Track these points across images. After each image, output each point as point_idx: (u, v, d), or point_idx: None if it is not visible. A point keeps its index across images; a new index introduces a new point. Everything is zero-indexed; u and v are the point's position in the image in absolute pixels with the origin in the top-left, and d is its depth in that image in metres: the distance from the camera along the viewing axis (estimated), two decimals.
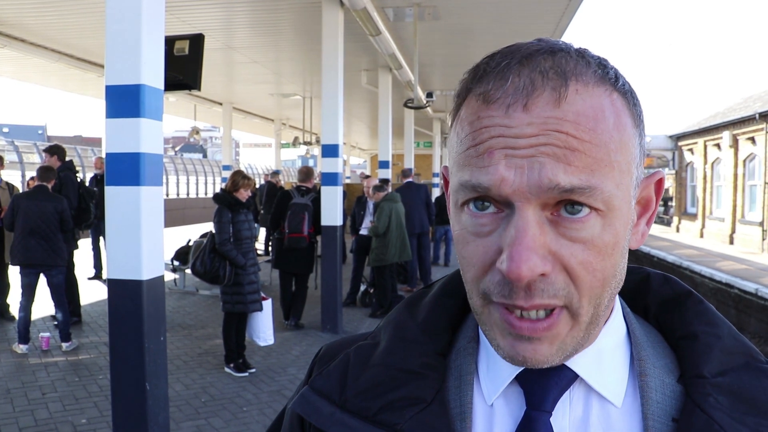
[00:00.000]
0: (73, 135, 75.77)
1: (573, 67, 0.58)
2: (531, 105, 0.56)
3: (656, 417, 0.62)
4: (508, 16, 9.31)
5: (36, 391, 5.54)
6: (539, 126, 0.55)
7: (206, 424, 5.00)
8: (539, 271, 0.55)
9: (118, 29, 3.67)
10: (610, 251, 0.58)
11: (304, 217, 7.72)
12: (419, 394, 0.66)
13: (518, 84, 0.57)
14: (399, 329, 0.73)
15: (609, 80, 0.59)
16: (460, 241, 0.62)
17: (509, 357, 0.60)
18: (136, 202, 3.74)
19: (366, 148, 38.37)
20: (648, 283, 0.74)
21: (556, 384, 0.63)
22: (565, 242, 0.57)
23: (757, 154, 18.17)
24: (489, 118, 0.58)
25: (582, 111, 0.56)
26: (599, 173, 0.56)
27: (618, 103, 0.59)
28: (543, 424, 0.62)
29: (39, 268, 6.51)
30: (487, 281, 0.59)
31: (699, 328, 0.67)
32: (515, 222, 0.56)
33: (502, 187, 0.56)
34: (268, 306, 6.38)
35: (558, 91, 0.56)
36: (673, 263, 16.06)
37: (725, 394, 0.61)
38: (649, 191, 0.67)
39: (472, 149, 0.58)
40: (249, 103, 19.65)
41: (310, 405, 0.70)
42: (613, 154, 0.57)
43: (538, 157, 0.55)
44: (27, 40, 10.67)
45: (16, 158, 17.89)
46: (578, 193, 0.55)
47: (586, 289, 0.57)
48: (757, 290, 12.03)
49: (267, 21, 9.79)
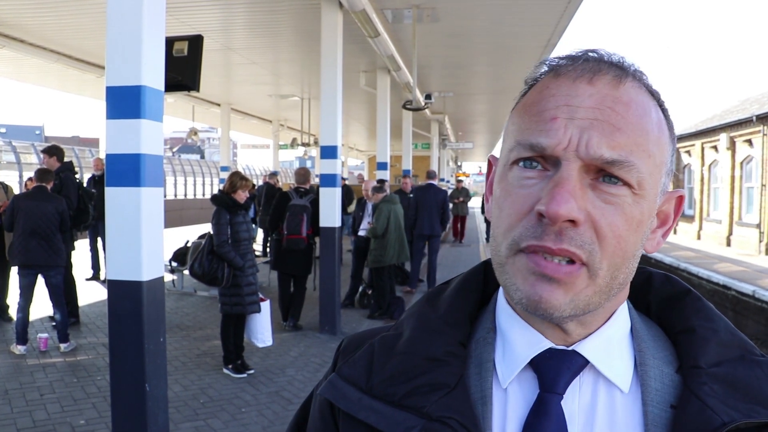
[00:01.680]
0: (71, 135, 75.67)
1: (633, 71, 0.68)
2: (595, 81, 0.65)
3: (655, 403, 0.66)
4: (506, 18, 9.32)
5: (34, 392, 5.53)
6: (598, 100, 0.64)
7: (205, 425, 5.00)
8: (575, 215, 0.61)
9: (119, 30, 3.67)
10: (635, 226, 0.65)
11: (302, 218, 7.72)
12: (443, 380, 0.69)
13: (586, 66, 0.67)
14: (422, 321, 0.76)
15: (657, 98, 0.70)
16: (501, 195, 0.68)
17: (526, 297, 0.64)
18: (137, 203, 3.74)
19: (364, 150, 38.36)
20: (650, 281, 0.79)
21: (568, 368, 0.68)
22: (599, 204, 0.63)
23: (754, 156, 18.21)
24: (557, 88, 0.66)
25: (635, 99, 0.65)
26: (637, 155, 0.64)
27: (660, 114, 0.69)
28: (555, 405, 0.67)
29: (38, 268, 6.50)
30: (521, 227, 0.65)
31: (697, 323, 0.71)
32: (560, 173, 0.63)
33: (557, 148, 0.63)
34: (267, 307, 6.38)
35: (619, 78, 0.66)
36: (671, 265, 16.09)
37: (719, 382, 0.65)
38: (670, 206, 0.73)
39: (536, 115, 0.66)
40: (247, 104, 19.64)
41: (339, 391, 0.73)
42: (651, 145, 0.66)
43: (591, 128, 0.63)
44: (25, 40, 10.66)
45: (14, 159, 17.85)
46: (617, 165, 0.63)
47: (608, 252, 0.63)
48: (754, 292, 12.06)
49: (266, 22, 9.80)
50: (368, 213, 9.62)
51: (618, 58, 0.68)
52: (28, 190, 7.00)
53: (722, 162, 20.39)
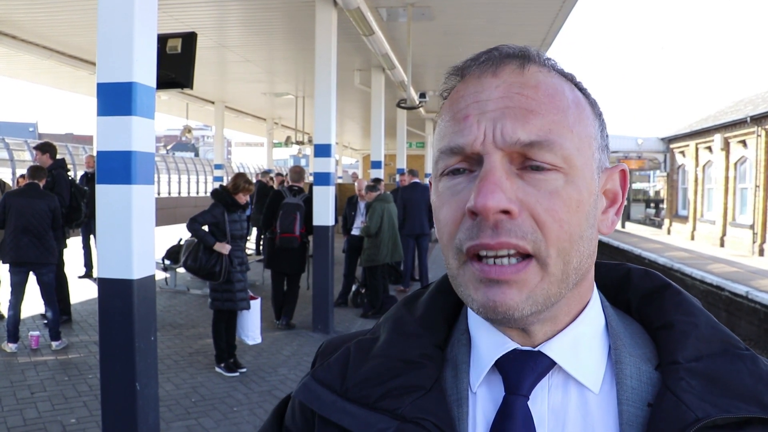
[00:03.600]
0: (65, 133, 75.43)
1: (537, 57, 0.67)
2: (499, 72, 0.65)
3: (631, 402, 0.65)
4: (501, 17, 9.32)
5: (25, 390, 5.49)
6: (505, 88, 0.64)
7: (196, 424, 4.98)
8: (504, 205, 0.60)
9: (110, 26, 3.65)
10: (575, 206, 0.63)
11: (295, 216, 7.71)
12: (418, 382, 0.69)
13: (488, 61, 0.67)
14: (398, 324, 0.76)
15: (570, 79, 0.69)
16: (438, 206, 0.68)
17: (482, 306, 0.63)
18: (127, 200, 3.71)
19: (358, 148, 38.34)
20: (629, 277, 0.77)
21: (531, 369, 0.66)
22: (531, 190, 0.62)
23: (748, 157, 18.27)
24: (464, 89, 0.67)
25: (543, 81, 0.65)
26: (557, 132, 0.63)
27: (577, 92, 0.68)
28: (520, 407, 0.65)
29: (30, 266, 6.47)
30: (460, 232, 0.64)
31: (676, 318, 0.70)
32: (483, 167, 0.62)
33: (475, 144, 0.63)
34: (257, 305, 6.37)
35: (523, 65, 0.66)
36: (664, 265, 16.12)
37: (698, 378, 0.63)
38: (615, 184, 0.71)
39: (451, 120, 0.66)
40: (241, 102, 19.60)
41: (312, 393, 0.73)
42: (571, 121, 0.65)
43: (503, 117, 0.63)
44: (18, 36, 10.60)
45: (7, 156, 17.77)
46: (537, 146, 0.62)
47: (553, 238, 0.62)
48: (747, 293, 12.08)
49: (260, 20, 9.77)
50: (360, 212, 9.60)
51: (520, 49, 0.67)
52: (20, 187, 6.96)
53: (716, 163, 20.44)
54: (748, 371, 0.64)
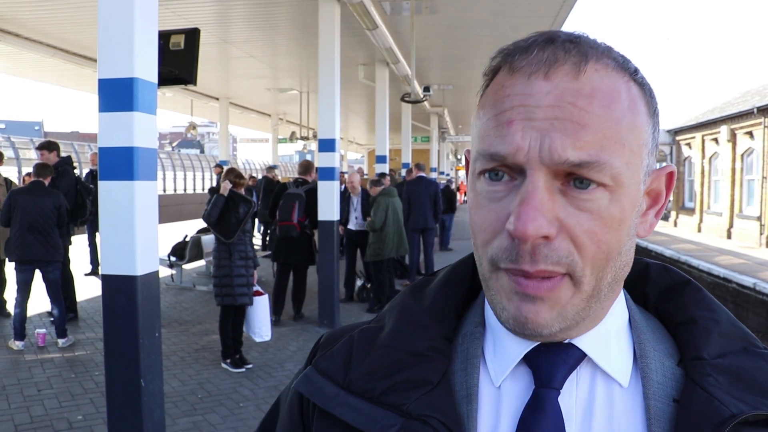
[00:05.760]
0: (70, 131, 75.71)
1: (594, 51, 0.62)
2: (552, 74, 0.59)
3: (657, 397, 0.63)
4: (505, 9, 9.28)
5: (32, 387, 5.51)
6: (557, 96, 0.59)
7: (203, 420, 4.98)
8: (544, 232, 0.57)
9: (111, 21, 3.63)
10: (616, 226, 0.60)
11: (293, 205, 7.78)
12: (425, 377, 0.66)
13: (542, 57, 0.60)
14: (405, 313, 0.73)
15: (628, 70, 0.63)
16: (473, 206, 0.65)
17: (513, 318, 0.61)
18: (130, 197, 3.70)
19: (363, 143, 38.33)
20: (647, 272, 0.76)
21: (564, 362, 0.65)
22: (572, 211, 0.59)
23: (755, 148, 18.16)
24: (512, 87, 0.61)
25: (599, 87, 0.60)
26: (608, 149, 0.59)
27: (634, 90, 0.63)
28: (551, 401, 0.63)
29: (36, 264, 6.48)
30: (495, 246, 0.61)
31: (698, 314, 0.69)
32: (525, 186, 0.59)
33: (517, 155, 0.59)
34: (265, 302, 6.36)
35: (578, 66, 0.60)
36: (671, 257, 16.06)
37: (724, 374, 0.63)
38: (660, 184, 0.68)
39: (493, 119, 0.62)
40: (246, 98, 19.61)
41: (314, 385, 0.70)
42: (624, 132, 0.60)
43: (552, 130, 0.58)
44: (22, 35, 10.62)
45: (13, 154, 17.82)
46: (586, 167, 0.58)
47: (589, 258, 0.60)
48: (755, 285, 12.03)
49: (263, 15, 9.75)
50: (354, 207, 9.57)
51: (577, 44, 0.62)
52: (25, 184, 6.97)
53: (723, 154, 20.34)
54: None
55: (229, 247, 6.06)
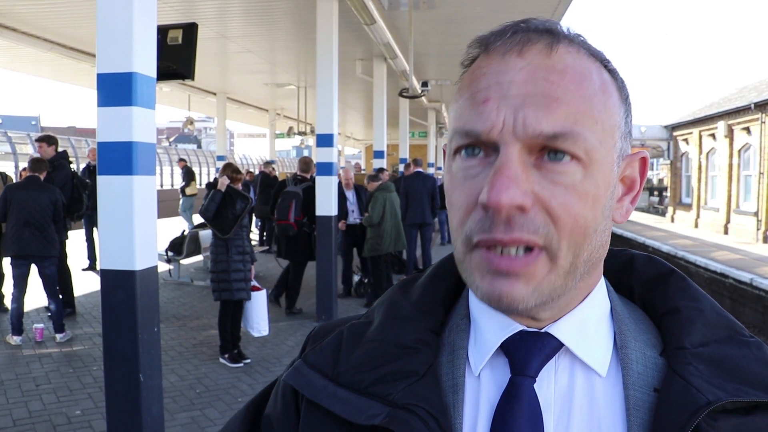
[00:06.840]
0: (67, 126, 75.38)
1: (567, 36, 0.64)
2: (525, 52, 0.61)
3: (637, 387, 0.64)
4: (503, 5, 9.27)
5: (30, 382, 5.51)
6: (530, 71, 0.60)
7: (201, 415, 4.99)
8: (519, 201, 0.58)
9: (110, 16, 3.62)
10: (591, 202, 0.61)
11: (290, 204, 7.80)
12: (412, 368, 0.67)
13: (515, 38, 0.62)
14: (393, 308, 0.74)
15: (599, 58, 0.65)
16: (449, 187, 0.65)
17: (486, 295, 0.62)
18: (129, 191, 3.70)
19: (361, 138, 38.27)
20: (632, 263, 0.76)
21: (539, 350, 0.65)
22: (546, 184, 0.59)
23: (752, 144, 18.18)
24: (487, 66, 0.63)
25: (571, 65, 0.61)
26: (581, 123, 0.60)
27: (605, 75, 0.65)
28: (527, 389, 0.64)
29: (32, 259, 6.48)
30: (470, 221, 0.61)
31: (681, 303, 0.69)
32: (499, 158, 0.59)
33: (492, 132, 0.60)
34: (263, 297, 6.36)
35: (551, 45, 0.62)
36: (668, 253, 16.09)
37: (705, 363, 0.63)
38: (634, 171, 0.69)
39: (469, 99, 0.63)
40: (243, 93, 19.55)
41: (303, 378, 0.71)
42: (596, 111, 0.61)
43: (526, 105, 0.59)
44: (18, 29, 10.56)
45: (9, 149, 17.77)
46: (561, 139, 0.59)
47: (566, 232, 0.60)
48: (751, 280, 12.06)
49: (261, 10, 9.72)
50: (350, 201, 9.56)
51: (550, 24, 0.64)
52: (21, 180, 6.96)
53: (720, 150, 20.36)
54: (755, 357, 0.64)
55: (226, 242, 6.06)
